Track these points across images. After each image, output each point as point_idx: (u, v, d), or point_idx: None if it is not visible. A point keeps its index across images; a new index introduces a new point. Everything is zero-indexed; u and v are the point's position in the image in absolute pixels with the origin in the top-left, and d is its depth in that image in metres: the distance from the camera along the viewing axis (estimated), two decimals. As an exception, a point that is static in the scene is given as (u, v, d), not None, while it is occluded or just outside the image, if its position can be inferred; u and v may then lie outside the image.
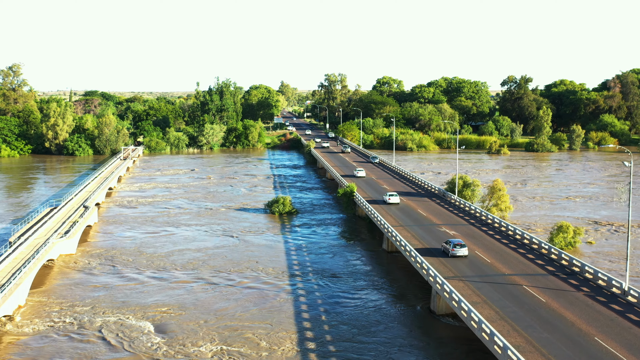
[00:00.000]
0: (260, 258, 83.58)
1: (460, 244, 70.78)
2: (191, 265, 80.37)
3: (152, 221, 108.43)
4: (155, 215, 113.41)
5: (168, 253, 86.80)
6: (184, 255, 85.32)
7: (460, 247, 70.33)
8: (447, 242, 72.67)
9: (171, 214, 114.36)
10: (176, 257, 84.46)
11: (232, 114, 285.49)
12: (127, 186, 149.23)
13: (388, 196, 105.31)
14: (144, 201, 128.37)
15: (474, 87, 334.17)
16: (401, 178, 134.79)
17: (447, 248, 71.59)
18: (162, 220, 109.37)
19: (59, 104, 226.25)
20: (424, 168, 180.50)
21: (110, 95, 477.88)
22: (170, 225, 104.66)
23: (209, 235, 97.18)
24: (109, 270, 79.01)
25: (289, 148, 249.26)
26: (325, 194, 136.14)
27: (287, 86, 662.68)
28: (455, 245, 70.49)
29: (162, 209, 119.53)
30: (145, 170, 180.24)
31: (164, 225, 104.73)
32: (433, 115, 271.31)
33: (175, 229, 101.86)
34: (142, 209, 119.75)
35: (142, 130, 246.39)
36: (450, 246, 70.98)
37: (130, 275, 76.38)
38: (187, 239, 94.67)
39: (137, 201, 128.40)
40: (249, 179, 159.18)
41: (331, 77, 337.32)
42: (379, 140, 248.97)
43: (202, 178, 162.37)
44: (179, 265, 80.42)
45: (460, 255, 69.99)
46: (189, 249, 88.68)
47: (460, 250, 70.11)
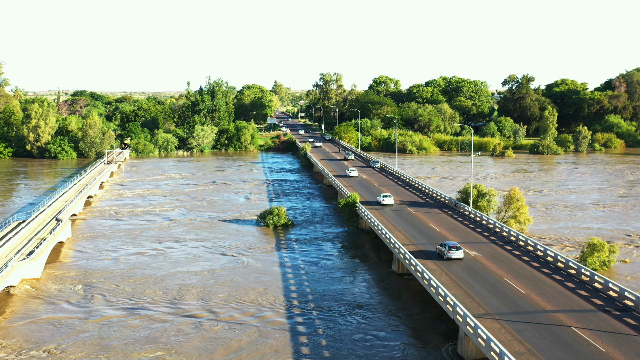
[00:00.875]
0: (253, 285, 72.93)
1: (455, 246, 69.58)
2: (174, 294, 69.60)
3: (133, 236, 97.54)
4: (138, 229, 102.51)
5: (149, 277, 76.01)
6: (167, 282, 74.52)
7: (455, 249, 69.25)
8: (442, 244, 71.16)
9: (155, 227, 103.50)
10: (158, 283, 73.67)
11: (224, 115, 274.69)
12: (110, 194, 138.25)
13: (382, 197, 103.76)
14: (127, 211, 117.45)
15: (473, 87, 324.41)
16: (406, 185, 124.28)
17: (442, 251, 70.33)
18: (145, 235, 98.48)
19: (40, 105, 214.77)
20: (427, 172, 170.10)
21: (99, 95, 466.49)
22: (153, 241, 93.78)
23: (195, 256, 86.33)
24: (79, 299, 68.15)
25: (283, 150, 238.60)
26: (323, 202, 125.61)
27: (280, 86, 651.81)
28: (450, 248, 69.42)
29: (145, 221, 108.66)
30: (130, 176, 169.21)
31: (147, 241, 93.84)
32: (433, 115, 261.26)
33: (158, 245, 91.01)
34: (124, 221, 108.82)
35: (129, 132, 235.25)
36: (445, 249, 69.80)
37: (103, 308, 65.51)
38: (170, 260, 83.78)
39: (119, 212, 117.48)
40: (240, 185, 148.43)
41: (326, 77, 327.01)
42: (377, 142, 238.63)
43: (191, 184, 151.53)
44: (160, 294, 69.64)
45: (456, 257, 68.81)
46: (172, 273, 77.87)
47: (456, 253, 68.98)
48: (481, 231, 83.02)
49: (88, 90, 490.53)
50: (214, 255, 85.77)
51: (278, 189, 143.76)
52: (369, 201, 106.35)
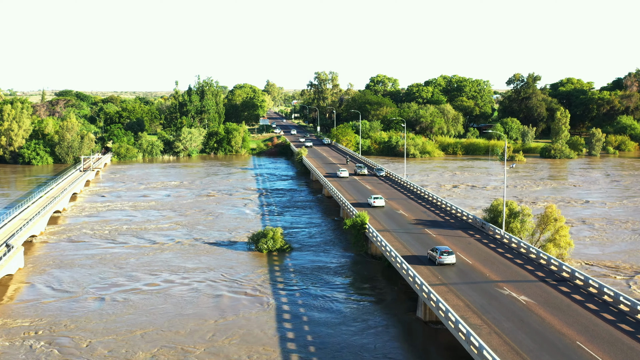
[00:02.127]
0: (241, 341, 57.37)
1: (447, 251, 67.66)
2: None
3: (99, 266, 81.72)
4: (107, 255, 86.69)
5: (110, 331, 60.36)
6: (133, 344, 58.89)
7: (447, 254, 67.23)
8: (434, 249, 69.21)
9: (126, 254, 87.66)
10: (121, 343, 58.02)
11: (214, 116, 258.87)
12: (82, 208, 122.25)
13: (373, 199, 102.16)
14: (98, 231, 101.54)
15: (475, 86, 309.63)
16: (418, 199, 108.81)
17: (434, 256, 68.11)
18: (113, 264, 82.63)
19: (14, 106, 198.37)
20: (435, 180, 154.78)
21: (85, 95, 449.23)
22: (120, 273, 77.91)
23: (170, 296, 70.63)
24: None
25: (277, 154, 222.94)
26: (324, 218, 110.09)
27: (273, 85, 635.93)
28: (442, 253, 67.36)
29: (118, 244, 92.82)
30: (109, 185, 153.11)
31: (113, 274, 77.94)
32: (435, 117, 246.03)
33: (125, 281, 75.13)
34: (94, 244, 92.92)
35: (111, 135, 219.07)
36: (437, 254, 67.69)
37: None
38: (136, 306, 67.94)
39: (90, 231, 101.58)
40: (230, 197, 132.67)
41: (321, 76, 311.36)
42: (377, 146, 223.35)
43: (174, 196, 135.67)
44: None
45: (448, 263, 66.83)
46: (138, 327, 62.20)
47: (448, 258, 66.92)
48: (522, 263, 67.60)
49: (74, 90, 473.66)
50: (196, 294, 70.06)
51: (272, 200, 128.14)
52: (384, 227, 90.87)
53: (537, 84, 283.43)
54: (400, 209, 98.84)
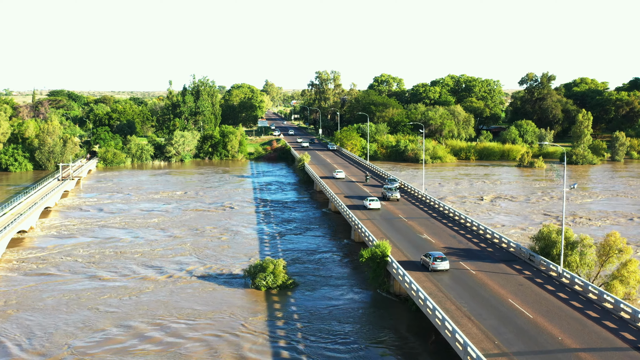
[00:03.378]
0: None
1: (441, 257, 65.74)
2: None
3: (59, 310, 66.00)
4: (71, 294, 71.01)
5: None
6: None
7: (440, 260, 65.37)
8: (426, 255, 67.35)
9: (96, 292, 71.94)
10: None
11: (210, 118, 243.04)
12: (53, 226, 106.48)
13: (369, 201, 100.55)
14: (69, 258, 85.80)
15: (485, 87, 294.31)
16: (443, 218, 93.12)
17: (427, 262, 66.27)
18: (77, 308, 66.95)
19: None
20: (452, 191, 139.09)
21: (77, 95, 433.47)
22: (86, 326, 62.20)
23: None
24: None
25: (276, 159, 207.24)
26: (333, 240, 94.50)
27: (272, 85, 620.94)
28: (435, 259, 65.41)
29: (88, 277, 77.13)
30: (90, 196, 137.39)
31: (76, 325, 62.32)
32: (445, 119, 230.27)
33: (86, 339, 59.50)
34: (55, 280, 77.21)
35: (97, 139, 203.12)
36: (430, 259, 65.75)
37: None
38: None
39: (59, 258, 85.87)
40: (223, 213, 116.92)
41: (322, 75, 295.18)
42: (384, 150, 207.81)
43: (161, 210, 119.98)
44: None
45: (442, 269, 64.88)
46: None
47: (442, 264, 65.07)
48: (599, 317, 51.99)
49: (66, 90, 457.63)
50: None
51: (272, 216, 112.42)
52: (407, 258, 75.23)
53: (552, 84, 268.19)
54: (423, 232, 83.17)
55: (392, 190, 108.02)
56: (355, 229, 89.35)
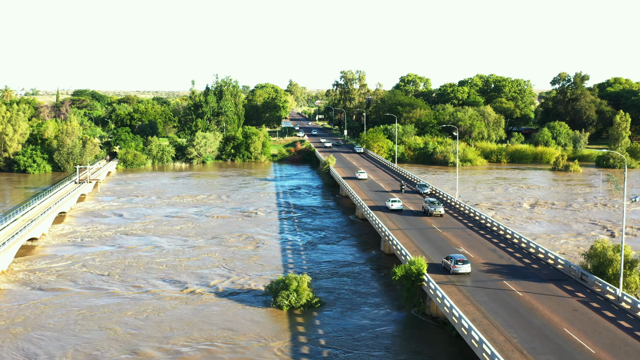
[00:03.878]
0: None
1: (462, 259, 64.24)
2: None
3: (69, 331, 60.53)
4: (83, 311, 65.58)
5: None
6: None
7: (462, 263, 63.83)
8: (447, 257, 66.26)
9: (112, 310, 66.41)
10: None
11: (233, 118, 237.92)
12: (67, 233, 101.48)
13: (391, 202, 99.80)
14: (79, 271, 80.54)
15: (515, 87, 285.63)
16: (479, 228, 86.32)
17: (449, 264, 64.67)
18: (89, 329, 61.42)
19: (9, 108, 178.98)
20: (486, 196, 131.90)
21: (101, 95, 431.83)
22: (98, 350, 56.66)
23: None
24: None
25: (300, 161, 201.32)
26: (360, 252, 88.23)
27: (295, 85, 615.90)
28: (457, 262, 63.93)
29: (104, 292, 71.73)
30: (108, 200, 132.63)
31: (86, 349, 56.76)
32: (474, 120, 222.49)
33: (94, 356, 53.87)
34: (66, 294, 71.90)
35: (117, 139, 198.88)
36: (451, 262, 64.21)
37: None
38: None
39: (68, 270, 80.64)
40: (246, 220, 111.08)
41: (348, 75, 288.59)
42: (412, 153, 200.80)
43: (177, 217, 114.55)
44: None
45: (463, 272, 63.23)
46: None
47: (463, 267, 63.44)
48: (673, 354, 45.13)
49: (89, 90, 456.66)
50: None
51: (295, 225, 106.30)
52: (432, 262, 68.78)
53: (585, 84, 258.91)
54: (460, 245, 76.51)
55: (434, 205, 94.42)
56: (385, 240, 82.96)
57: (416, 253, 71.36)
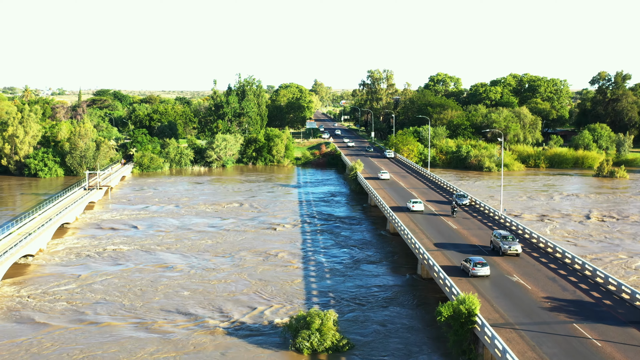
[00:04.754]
0: None
1: (481, 262, 62.99)
2: None
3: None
4: (80, 353, 55.62)
5: None
6: None
7: (481, 265, 62.68)
8: (467, 260, 64.70)
9: (116, 352, 56.34)
10: None
11: (255, 119, 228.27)
12: (68, 249, 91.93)
13: (412, 203, 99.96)
14: (76, 298, 70.80)
15: (551, 86, 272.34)
16: (532, 250, 74.72)
17: (467, 267, 63.62)
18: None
19: (20, 108, 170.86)
20: (529, 207, 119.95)
21: (123, 95, 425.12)
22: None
23: None
24: None
25: (325, 165, 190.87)
26: (395, 274, 77.30)
27: (320, 85, 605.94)
28: (476, 264, 62.80)
29: (106, 327, 61.75)
30: (119, 208, 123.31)
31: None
32: (510, 122, 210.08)
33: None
34: (60, 329, 62.01)
35: (134, 142, 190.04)
36: (470, 265, 63.19)
37: None
38: None
39: (64, 296, 70.86)
40: (265, 235, 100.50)
41: (375, 74, 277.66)
42: (444, 156, 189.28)
43: (192, 229, 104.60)
44: None
45: (482, 275, 62.26)
46: None
47: (482, 270, 62.38)
48: None
49: (111, 89, 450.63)
50: None
51: (320, 241, 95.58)
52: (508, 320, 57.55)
53: (627, 84, 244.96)
54: (513, 273, 65.20)
55: (508, 241, 71.87)
56: (423, 263, 71.97)
57: (461, 284, 60.42)
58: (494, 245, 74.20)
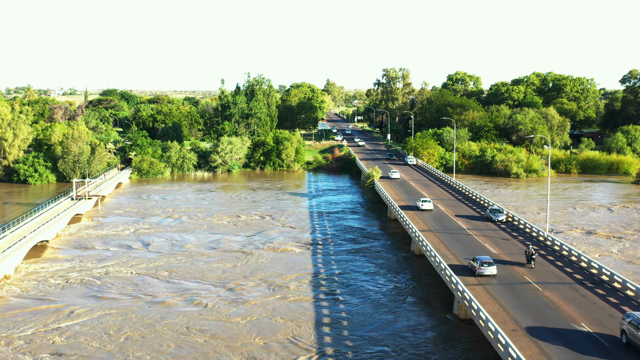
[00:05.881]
0: None
1: (488, 261, 62.44)
2: None
3: None
4: None
5: None
6: None
7: (487, 265, 62.09)
8: (474, 259, 64.29)
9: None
10: None
11: (265, 120, 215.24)
12: (41, 275, 79.01)
13: (421, 202, 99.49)
14: (29, 344, 57.83)
15: (577, 86, 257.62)
16: (595, 285, 60.94)
17: (474, 266, 63.15)
18: None
19: (11, 109, 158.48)
20: (565, 222, 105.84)
21: (130, 94, 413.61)
22: None
23: None
24: None
25: (338, 171, 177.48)
26: (422, 311, 63.78)
27: (333, 84, 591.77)
28: (482, 264, 62.23)
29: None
30: (110, 222, 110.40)
31: None
32: (536, 123, 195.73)
33: None
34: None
35: (134, 145, 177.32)
36: (477, 264, 62.74)
37: None
38: None
39: (27, 347, 58.01)
40: (271, 260, 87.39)
41: (390, 73, 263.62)
42: (467, 161, 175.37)
43: (192, 249, 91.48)
44: None
45: (488, 274, 61.55)
46: None
47: (488, 269, 61.79)
48: None
49: (119, 89, 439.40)
50: None
51: (334, 265, 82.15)
52: None
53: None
54: (580, 319, 51.47)
55: None
56: (461, 301, 58.39)
57: (506, 325, 46.90)
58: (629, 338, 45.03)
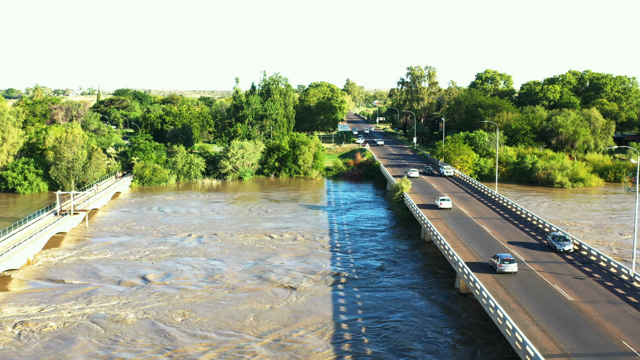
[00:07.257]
0: None
1: (509, 259, 62.37)
2: None
3: None
4: None
5: None
6: None
7: (509, 262, 62.02)
8: (494, 256, 64.21)
9: None
10: None
11: (281, 122, 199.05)
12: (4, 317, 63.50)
13: (440, 200, 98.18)
14: None
15: (618, 85, 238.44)
16: None
17: (495, 263, 63.12)
18: None
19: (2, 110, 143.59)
20: (626, 245, 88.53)
21: (143, 94, 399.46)
22: None
23: None
24: None
25: (361, 178, 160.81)
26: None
27: (353, 84, 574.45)
28: (503, 261, 62.20)
29: None
30: (97, 244, 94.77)
31: None
32: (578, 126, 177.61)
33: None
34: None
35: (136, 149, 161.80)
36: (498, 261, 62.68)
37: None
38: None
39: None
40: (282, 295, 71.22)
41: (415, 71, 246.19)
42: (503, 168, 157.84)
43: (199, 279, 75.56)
44: None
45: (509, 271, 61.66)
46: None
47: (509, 266, 61.76)
48: None
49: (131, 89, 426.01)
50: None
51: (358, 302, 65.72)
52: None
53: None
54: None
55: None
56: (523, 355, 41.85)
57: None
58: None
